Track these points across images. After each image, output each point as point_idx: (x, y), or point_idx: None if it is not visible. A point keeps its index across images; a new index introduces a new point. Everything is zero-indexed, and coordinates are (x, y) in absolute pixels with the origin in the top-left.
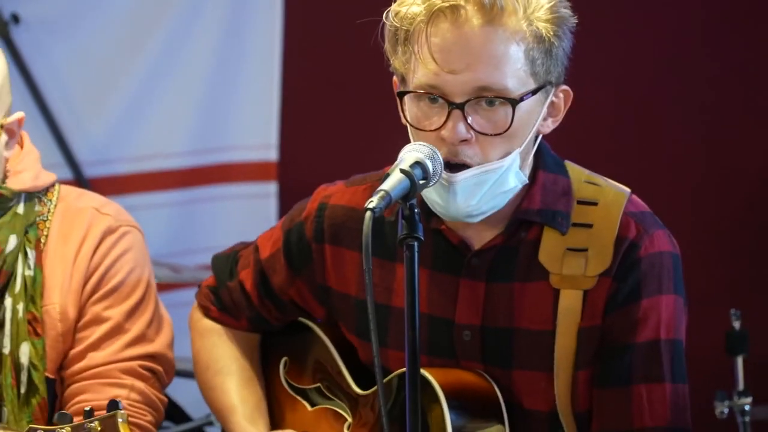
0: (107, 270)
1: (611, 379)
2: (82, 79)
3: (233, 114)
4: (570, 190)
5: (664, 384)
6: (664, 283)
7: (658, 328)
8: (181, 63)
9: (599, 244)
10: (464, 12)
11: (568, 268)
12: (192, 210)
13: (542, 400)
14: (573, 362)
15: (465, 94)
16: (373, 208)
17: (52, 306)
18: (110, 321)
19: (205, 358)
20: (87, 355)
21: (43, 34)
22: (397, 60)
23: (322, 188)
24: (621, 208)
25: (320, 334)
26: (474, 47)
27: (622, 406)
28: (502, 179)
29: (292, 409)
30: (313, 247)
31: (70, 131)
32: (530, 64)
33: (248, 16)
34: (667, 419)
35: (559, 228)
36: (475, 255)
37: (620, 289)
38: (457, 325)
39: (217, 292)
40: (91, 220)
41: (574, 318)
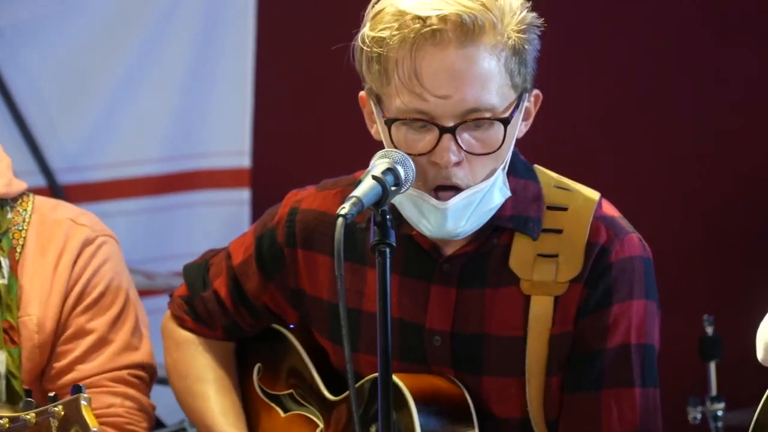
0: (88, 281)
1: (581, 385)
2: (56, 86)
3: (206, 121)
4: (541, 195)
5: (634, 389)
6: (636, 288)
7: (629, 332)
8: (155, 70)
9: (570, 250)
10: (445, 35)
11: (538, 274)
12: (165, 217)
13: (514, 407)
14: (545, 368)
15: (455, 117)
16: (345, 215)
17: (29, 318)
18: (94, 333)
19: (184, 368)
20: (75, 368)
21: (16, 41)
22: (373, 80)
23: (293, 193)
24: (591, 213)
25: (293, 341)
26: (459, 70)
27: (591, 411)
28: (488, 198)
29: (266, 416)
30: (285, 252)
31: (43, 138)
32: (510, 77)
33: (221, 24)
34: (636, 424)
35: (531, 234)
36: (446, 261)
37: (591, 295)
38: (428, 330)
39: (192, 303)
40: (68, 232)
41: (545, 324)
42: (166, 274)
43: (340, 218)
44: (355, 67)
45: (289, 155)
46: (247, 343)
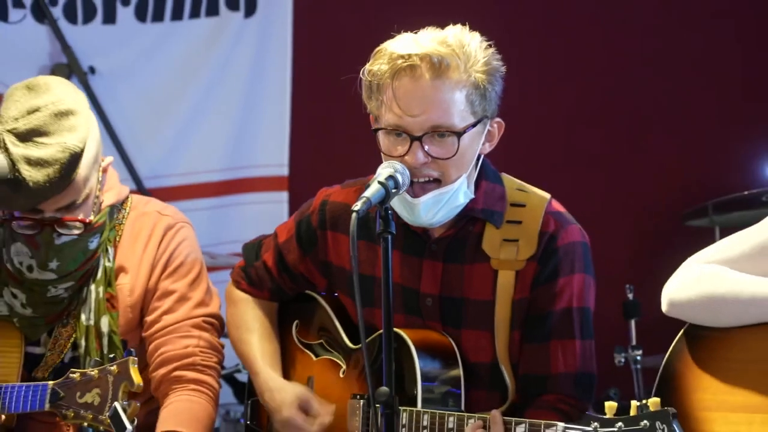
0: (170, 255)
1: (535, 337)
2: (141, 114)
3: (255, 140)
4: (504, 195)
5: (575, 340)
6: (576, 265)
7: (571, 298)
8: (216, 102)
9: (527, 236)
10: (419, 69)
11: (504, 254)
12: (224, 213)
13: (485, 354)
14: (509, 325)
15: (422, 130)
16: (357, 211)
17: (123, 285)
18: (177, 292)
19: (236, 320)
20: (162, 318)
21: (111, 79)
22: (372, 104)
23: (323, 190)
24: (543, 209)
25: (323, 303)
26: (427, 96)
27: (542, 357)
28: (454, 197)
29: (301, 360)
30: (318, 233)
31: (132, 153)
32: (470, 105)
33: (265, 66)
34: (576, 367)
35: (495, 223)
36: (434, 242)
37: (542, 271)
38: (422, 294)
39: (246, 270)
40: (155, 221)
41: (508, 292)
42: (225, 255)
43: (354, 213)
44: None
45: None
46: (287, 305)
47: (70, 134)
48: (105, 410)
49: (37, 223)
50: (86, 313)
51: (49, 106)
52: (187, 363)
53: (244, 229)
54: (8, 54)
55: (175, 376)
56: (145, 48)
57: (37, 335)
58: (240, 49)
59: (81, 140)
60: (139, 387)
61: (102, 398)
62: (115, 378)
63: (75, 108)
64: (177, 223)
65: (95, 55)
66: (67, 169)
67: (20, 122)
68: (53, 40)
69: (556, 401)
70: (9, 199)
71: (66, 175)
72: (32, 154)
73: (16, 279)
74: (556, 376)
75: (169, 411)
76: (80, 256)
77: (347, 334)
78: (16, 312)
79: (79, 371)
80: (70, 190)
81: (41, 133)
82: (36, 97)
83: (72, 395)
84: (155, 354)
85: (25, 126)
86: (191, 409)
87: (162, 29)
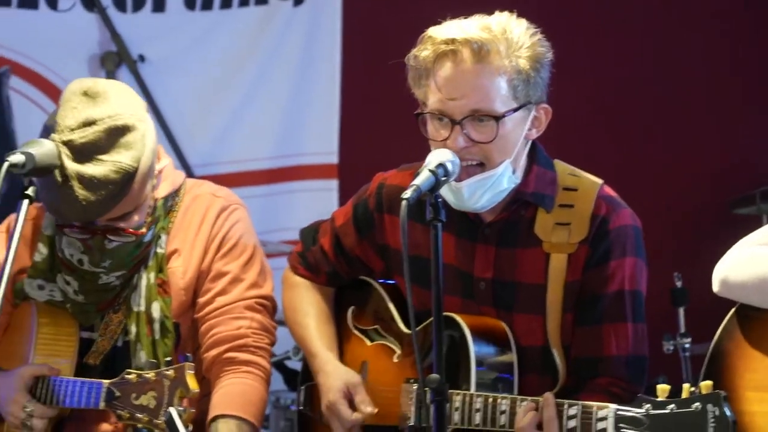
0: (224, 236)
1: (587, 320)
2: (192, 103)
3: (305, 129)
4: (556, 180)
5: (627, 323)
6: (628, 248)
7: (623, 281)
8: (266, 90)
9: (579, 220)
10: (460, 54)
11: (556, 238)
12: (274, 200)
13: (537, 337)
14: (561, 308)
15: (462, 114)
16: (407, 198)
17: (176, 268)
18: (231, 273)
19: (293, 304)
20: (216, 299)
21: (162, 69)
22: (417, 89)
23: (379, 174)
24: (595, 193)
25: (378, 288)
26: (468, 80)
27: (594, 339)
28: (498, 182)
29: (357, 345)
30: (374, 216)
31: (183, 142)
32: (512, 91)
33: (315, 54)
34: (628, 350)
35: (546, 207)
36: (487, 226)
37: (594, 254)
38: (475, 278)
39: (304, 255)
40: (209, 203)
41: (561, 275)
42: (275, 243)
43: (404, 201)
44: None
45: (366, 154)
46: (343, 291)
47: (126, 152)
48: (160, 414)
49: (89, 230)
50: (137, 300)
51: (106, 120)
52: (240, 344)
53: (294, 217)
54: (58, 43)
55: (227, 358)
56: (194, 36)
57: (89, 321)
58: (289, 37)
59: (135, 159)
60: (194, 394)
61: (158, 402)
62: (171, 383)
63: (132, 123)
64: (231, 205)
65: (145, 43)
66: (120, 189)
67: (76, 134)
68: (102, 28)
69: (609, 384)
70: (60, 212)
71: (118, 194)
72: (86, 172)
73: (68, 267)
74: (608, 359)
75: (221, 395)
76: (135, 252)
77: (402, 320)
78: (69, 298)
79: (135, 372)
80: (123, 205)
81: (96, 150)
82: (93, 107)
83: (127, 396)
84: (207, 334)
85: (81, 140)
86: (244, 392)
87: (211, 17)
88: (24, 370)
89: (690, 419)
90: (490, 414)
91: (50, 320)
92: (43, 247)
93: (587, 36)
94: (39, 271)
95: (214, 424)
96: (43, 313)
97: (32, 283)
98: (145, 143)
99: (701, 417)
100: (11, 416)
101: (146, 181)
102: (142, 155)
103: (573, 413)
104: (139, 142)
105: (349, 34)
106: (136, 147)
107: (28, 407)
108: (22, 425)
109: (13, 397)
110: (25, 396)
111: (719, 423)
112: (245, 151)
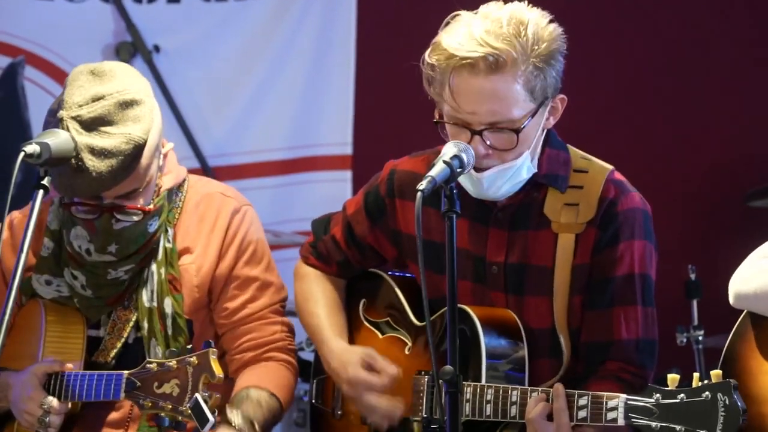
0: (242, 241)
1: (597, 303)
2: (206, 93)
3: (319, 120)
4: (569, 161)
5: (637, 306)
6: (636, 231)
7: (633, 264)
8: (280, 81)
9: (587, 200)
10: (476, 67)
11: (564, 217)
12: (288, 191)
13: (545, 320)
14: (568, 291)
15: (481, 124)
16: (422, 190)
17: (189, 265)
18: (258, 279)
19: (305, 294)
20: (247, 306)
21: (177, 60)
22: (433, 94)
23: (390, 162)
24: (605, 176)
25: (389, 281)
26: (484, 93)
27: (604, 323)
28: (517, 173)
29: (368, 337)
30: (386, 202)
31: (197, 132)
32: (529, 93)
33: (330, 46)
34: (638, 333)
35: (559, 187)
36: (499, 209)
37: (603, 236)
38: (488, 262)
39: (315, 245)
40: (220, 202)
41: (568, 256)
42: (289, 233)
43: (419, 192)
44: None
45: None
46: (354, 283)
47: (134, 125)
48: (185, 401)
49: (96, 208)
50: (148, 295)
51: (114, 95)
52: (278, 347)
53: (308, 208)
54: (73, 33)
55: (267, 357)
56: (209, 27)
57: (97, 316)
58: (304, 28)
59: (145, 131)
60: (220, 379)
61: (181, 389)
62: (194, 369)
63: (140, 97)
64: (242, 207)
65: (159, 33)
66: (130, 160)
67: (84, 109)
68: (117, 18)
69: (619, 370)
70: (71, 186)
71: (129, 165)
72: (96, 144)
73: (76, 261)
74: (618, 342)
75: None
76: (140, 239)
77: (413, 312)
78: (76, 293)
79: (156, 361)
80: (132, 180)
81: (105, 123)
82: (101, 84)
83: (149, 385)
84: (242, 339)
85: (90, 114)
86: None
87: (226, 8)
88: (36, 368)
89: (700, 408)
90: (501, 405)
91: (58, 318)
92: (49, 242)
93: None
94: (45, 265)
95: (245, 390)
96: (51, 310)
97: (39, 278)
98: (152, 117)
99: (711, 406)
100: (27, 414)
101: (153, 158)
102: (150, 128)
103: (583, 403)
104: (147, 115)
105: (363, 24)
106: (145, 120)
107: (44, 404)
108: (39, 422)
109: (30, 394)
110: (42, 393)
111: (729, 412)
112: (260, 141)
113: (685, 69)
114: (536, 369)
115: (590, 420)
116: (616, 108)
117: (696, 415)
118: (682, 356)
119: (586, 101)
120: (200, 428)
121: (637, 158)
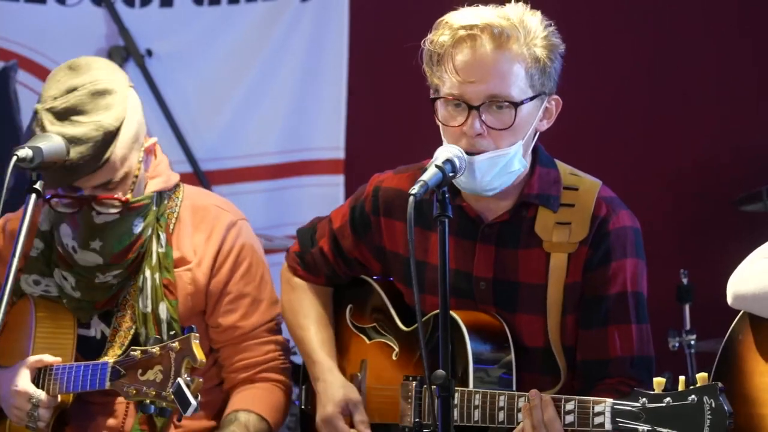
0: (237, 255)
1: (591, 322)
2: (198, 97)
3: (312, 124)
4: (559, 179)
5: (631, 325)
6: (628, 249)
7: (625, 283)
8: (272, 85)
9: (579, 219)
10: (480, 39)
11: (556, 237)
12: (281, 195)
13: (538, 338)
14: (560, 309)
15: (480, 99)
16: (415, 194)
17: (184, 273)
18: (250, 295)
19: (294, 306)
20: (240, 324)
21: (170, 64)
22: (433, 76)
23: (376, 176)
24: (596, 193)
25: (376, 287)
26: (487, 65)
27: (600, 342)
28: (510, 162)
29: (355, 343)
30: (371, 219)
31: (189, 136)
32: (529, 79)
33: (322, 50)
34: (633, 350)
35: (552, 207)
36: (487, 226)
37: (594, 255)
38: (475, 278)
39: (303, 257)
40: (216, 215)
41: (561, 275)
42: (282, 237)
43: (411, 197)
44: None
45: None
46: (342, 289)
47: (105, 113)
48: (168, 386)
49: (75, 201)
50: (143, 300)
51: (87, 86)
52: (271, 366)
53: (301, 212)
54: (66, 37)
55: (260, 377)
56: (202, 31)
57: (86, 318)
58: (297, 33)
59: (116, 119)
60: (202, 363)
61: (164, 375)
62: (177, 354)
63: (112, 87)
64: (238, 221)
65: (152, 38)
66: (101, 147)
67: (58, 101)
68: (110, 22)
69: (618, 383)
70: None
71: (100, 153)
72: (67, 132)
73: (66, 262)
74: (615, 360)
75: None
76: (125, 239)
77: (400, 318)
78: (65, 294)
79: (140, 348)
80: (106, 169)
81: (77, 112)
82: (76, 77)
83: (133, 373)
84: (235, 358)
85: (63, 105)
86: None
87: (219, 12)
88: (25, 363)
89: (687, 411)
90: (489, 411)
91: (48, 314)
92: (39, 242)
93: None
94: (35, 266)
95: (234, 413)
96: (41, 307)
97: (28, 278)
98: (126, 107)
99: (697, 409)
100: (16, 409)
101: (131, 149)
102: (124, 117)
103: (570, 408)
104: (119, 104)
105: (356, 29)
106: (117, 108)
107: (33, 398)
108: (28, 416)
109: (18, 389)
110: (30, 387)
111: (716, 414)
112: (252, 145)
113: (675, 74)
114: (530, 383)
115: (577, 425)
116: (607, 112)
117: (683, 419)
118: (674, 361)
119: (577, 107)
120: (182, 412)
121: (630, 164)
